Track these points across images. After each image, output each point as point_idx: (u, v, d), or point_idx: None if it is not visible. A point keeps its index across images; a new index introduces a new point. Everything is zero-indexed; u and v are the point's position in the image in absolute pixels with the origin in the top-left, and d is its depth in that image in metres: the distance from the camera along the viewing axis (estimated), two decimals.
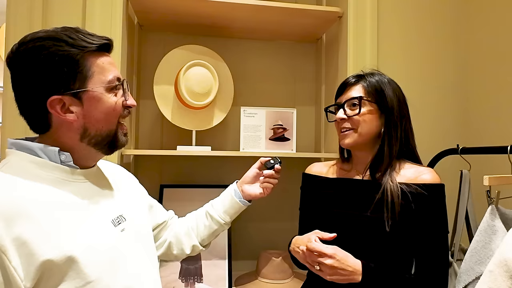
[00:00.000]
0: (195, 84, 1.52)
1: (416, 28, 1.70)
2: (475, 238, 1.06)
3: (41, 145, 0.76)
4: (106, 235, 0.79)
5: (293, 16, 1.58)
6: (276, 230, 1.82)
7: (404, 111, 1.08)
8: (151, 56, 1.75)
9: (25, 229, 0.66)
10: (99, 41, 0.79)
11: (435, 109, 1.70)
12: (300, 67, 1.91)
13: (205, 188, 1.71)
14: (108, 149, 0.84)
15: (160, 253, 1.11)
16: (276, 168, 1.15)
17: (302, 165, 1.78)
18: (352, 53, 1.55)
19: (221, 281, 1.54)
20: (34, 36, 0.75)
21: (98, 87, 0.78)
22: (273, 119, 1.64)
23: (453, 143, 1.40)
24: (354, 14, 1.56)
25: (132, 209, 0.92)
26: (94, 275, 0.72)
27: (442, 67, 1.72)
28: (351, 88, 1.09)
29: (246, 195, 1.15)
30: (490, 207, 1.06)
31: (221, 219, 1.13)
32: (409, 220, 0.97)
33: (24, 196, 0.69)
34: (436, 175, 1.02)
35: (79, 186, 0.79)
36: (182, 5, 1.49)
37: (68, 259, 0.69)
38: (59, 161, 0.77)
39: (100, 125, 0.80)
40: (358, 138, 1.06)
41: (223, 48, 1.79)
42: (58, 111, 0.75)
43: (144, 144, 1.75)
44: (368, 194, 1.04)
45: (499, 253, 0.87)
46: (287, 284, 1.57)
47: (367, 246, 1.00)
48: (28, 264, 0.65)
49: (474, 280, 1.03)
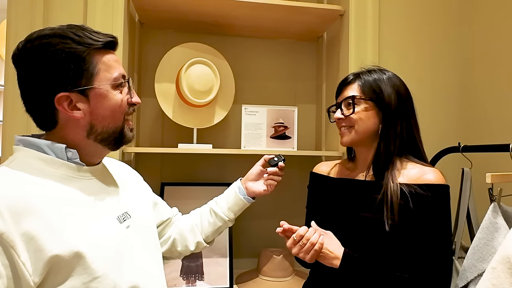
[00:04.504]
0: (196, 82, 1.52)
1: (417, 27, 1.70)
2: (477, 236, 1.06)
3: (48, 142, 0.76)
4: (112, 232, 0.79)
5: (295, 14, 1.58)
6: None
7: (406, 106, 1.06)
8: (152, 54, 1.74)
9: (33, 224, 0.66)
10: (104, 38, 0.79)
11: (436, 107, 1.70)
12: (301, 65, 1.91)
13: (206, 186, 1.70)
14: (114, 145, 0.84)
15: (165, 249, 1.12)
16: (280, 166, 1.16)
17: (303, 163, 1.80)
18: (353, 52, 1.55)
19: (222, 279, 1.54)
20: (40, 33, 0.75)
21: (104, 84, 0.78)
22: (274, 117, 1.64)
23: (454, 141, 1.41)
24: (355, 12, 1.56)
25: (136, 206, 0.92)
26: (100, 271, 0.72)
27: (443, 65, 1.72)
28: (347, 88, 1.10)
29: (250, 192, 1.16)
30: (492, 204, 1.06)
31: (225, 216, 1.13)
32: (409, 221, 0.97)
33: (31, 192, 0.70)
34: (440, 176, 1.01)
35: (86, 183, 0.80)
36: (183, 3, 1.49)
37: (76, 255, 0.69)
38: (66, 158, 0.77)
39: (106, 122, 0.80)
40: (356, 136, 1.06)
41: (224, 46, 1.79)
42: (66, 108, 0.76)
43: (145, 142, 1.74)
44: (369, 194, 1.04)
45: (501, 250, 0.87)
46: (288, 282, 1.57)
47: (367, 246, 1.00)
48: (36, 259, 0.66)
49: (476, 277, 1.03)
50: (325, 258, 0.97)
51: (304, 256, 0.96)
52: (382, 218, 0.98)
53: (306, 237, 0.96)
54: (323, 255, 0.97)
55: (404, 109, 1.06)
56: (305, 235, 0.96)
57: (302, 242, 0.96)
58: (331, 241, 1.00)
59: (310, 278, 1.17)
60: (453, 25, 1.74)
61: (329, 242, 0.99)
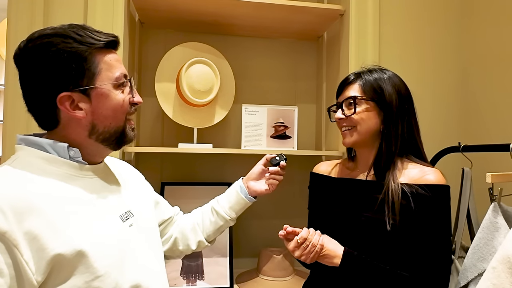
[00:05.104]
0: (196, 82, 1.52)
1: (417, 27, 1.70)
2: (477, 235, 1.06)
3: (50, 141, 0.76)
4: (115, 230, 0.79)
5: (295, 13, 1.59)
6: (277, 228, 1.79)
7: (407, 106, 1.06)
8: (152, 54, 1.74)
9: (36, 223, 0.66)
10: (106, 38, 0.79)
11: (436, 107, 1.71)
12: (302, 65, 1.91)
13: (206, 186, 1.71)
14: (116, 145, 0.84)
15: (166, 248, 1.12)
16: (282, 165, 1.16)
17: (303, 162, 1.80)
18: (354, 51, 1.55)
19: (222, 279, 1.55)
20: (42, 33, 0.75)
21: (105, 84, 0.78)
22: (275, 116, 1.64)
23: (455, 141, 1.41)
24: (355, 12, 1.56)
25: (139, 205, 0.92)
26: (103, 270, 0.72)
27: (443, 65, 1.73)
28: (348, 87, 1.09)
29: (252, 192, 1.16)
30: (492, 204, 1.06)
31: (226, 215, 1.13)
32: (410, 221, 0.97)
33: (34, 191, 0.70)
34: (441, 176, 1.01)
35: (88, 182, 0.80)
36: (183, 3, 1.49)
37: (78, 254, 0.69)
38: (68, 157, 0.77)
39: (108, 122, 0.80)
40: (358, 136, 1.06)
41: (224, 46, 1.79)
42: (67, 108, 0.76)
43: (145, 142, 1.74)
44: (370, 194, 1.04)
45: (502, 250, 0.87)
46: (288, 282, 1.57)
47: (369, 246, 1.00)
48: (39, 258, 0.66)
49: (476, 276, 1.03)
50: (325, 257, 0.97)
51: (305, 259, 0.97)
52: (384, 218, 0.98)
53: (308, 239, 0.96)
54: (324, 255, 0.97)
55: (404, 109, 1.06)
56: (308, 237, 0.96)
57: (305, 244, 0.96)
58: (331, 240, 1.00)
59: (310, 278, 1.18)
60: (454, 25, 1.74)
61: (329, 241, 0.99)
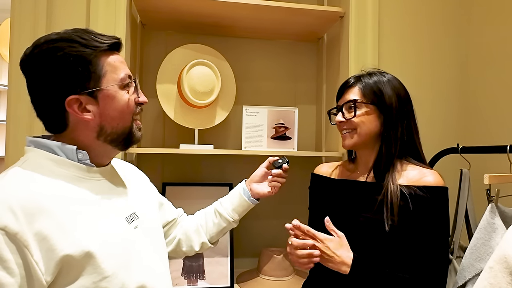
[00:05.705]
0: (197, 83, 1.53)
1: (417, 28, 1.71)
2: (475, 236, 1.08)
3: (59, 143, 0.78)
4: (121, 232, 0.80)
5: (295, 15, 1.59)
6: (278, 228, 1.82)
7: (406, 109, 1.08)
8: (153, 55, 1.75)
9: (45, 224, 0.68)
10: (109, 40, 0.81)
11: (435, 108, 1.71)
12: (302, 67, 1.92)
13: (207, 186, 1.71)
14: (124, 146, 0.85)
15: (170, 249, 1.13)
16: (284, 168, 1.17)
17: (303, 163, 1.81)
18: (353, 53, 1.56)
19: (223, 278, 1.56)
20: (48, 38, 0.76)
21: (111, 85, 0.80)
22: (275, 118, 1.65)
23: (453, 142, 1.42)
24: (355, 14, 1.57)
25: (144, 207, 0.93)
26: (110, 270, 0.74)
27: (442, 67, 1.73)
28: (348, 91, 1.10)
29: (255, 194, 1.17)
30: (490, 205, 1.08)
31: (229, 217, 1.15)
32: (408, 221, 0.98)
33: (43, 192, 0.71)
34: (439, 178, 1.02)
35: (95, 184, 0.81)
36: (184, 4, 1.50)
37: (86, 255, 0.71)
38: (77, 159, 0.79)
39: (115, 123, 0.81)
40: (358, 139, 1.08)
41: (225, 47, 1.80)
42: (76, 111, 0.77)
43: (146, 143, 1.75)
44: (370, 195, 1.05)
45: (499, 250, 0.88)
46: (288, 282, 1.59)
47: (368, 246, 1.01)
48: (49, 258, 0.67)
49: (474, 276, 1.04)
50: (329, 261, 0.96)
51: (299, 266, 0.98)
52: (382, 219, 0.99)
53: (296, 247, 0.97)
54: (329, 259, 0.96)
55: (404, 111, 1.07)
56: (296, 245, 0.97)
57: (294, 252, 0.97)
58: (341, 246, 0.98)
59: (310, 278, 1.19)
60: (453, 28, 1.75)
61: (337, 247, 0.97)
